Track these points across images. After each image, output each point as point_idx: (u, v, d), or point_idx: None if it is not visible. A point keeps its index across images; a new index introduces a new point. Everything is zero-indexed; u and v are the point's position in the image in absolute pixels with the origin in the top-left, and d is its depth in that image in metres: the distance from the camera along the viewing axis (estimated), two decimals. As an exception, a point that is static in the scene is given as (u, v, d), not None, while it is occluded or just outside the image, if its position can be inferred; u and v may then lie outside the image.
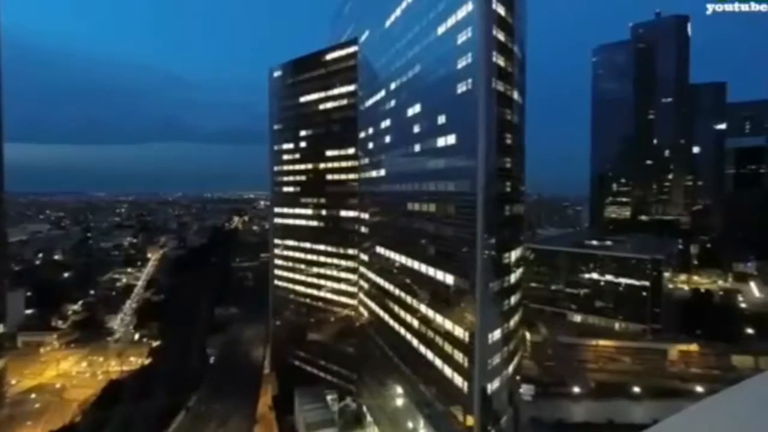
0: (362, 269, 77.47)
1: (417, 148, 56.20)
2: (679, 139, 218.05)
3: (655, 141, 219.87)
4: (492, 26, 42.76)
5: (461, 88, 44.86)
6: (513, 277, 47.92)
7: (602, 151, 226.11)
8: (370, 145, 73.79)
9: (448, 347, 47.82)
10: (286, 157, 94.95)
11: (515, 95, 47.27)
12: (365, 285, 76.42)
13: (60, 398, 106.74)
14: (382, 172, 68.78)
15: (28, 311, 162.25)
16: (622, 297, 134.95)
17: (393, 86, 63.13)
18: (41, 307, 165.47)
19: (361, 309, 78.37)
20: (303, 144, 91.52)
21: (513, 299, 48.56)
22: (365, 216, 76.23)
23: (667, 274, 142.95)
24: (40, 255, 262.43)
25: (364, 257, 76.59)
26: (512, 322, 48.61)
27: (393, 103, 63.66)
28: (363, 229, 77.14)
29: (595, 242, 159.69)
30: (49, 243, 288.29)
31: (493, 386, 44.74)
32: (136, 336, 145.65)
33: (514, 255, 48.22)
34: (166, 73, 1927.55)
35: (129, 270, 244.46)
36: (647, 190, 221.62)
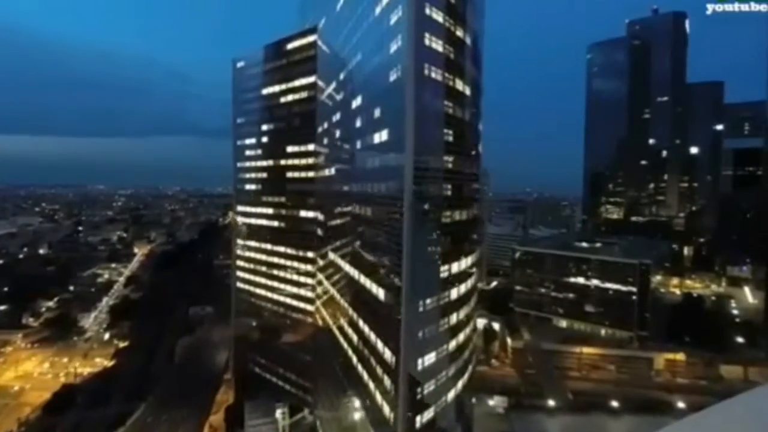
0: (319, 275, 72.48)
1: (359, 144, 50.82)
2: (674, 139, 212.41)
3: (650, 141, 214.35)
4: (424, 4, 37.23)
5: (393, 76, 39.48)
6: (458, 290, 42.61)
7: (596, 151, 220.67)
8: (325, 141, 68.55)
9: (379, 370, 42.73)
10: (248, 152, 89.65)
11: (460, 86, 41.85)
12: (321, 291, 71.46)
13: (15, 401, 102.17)
14: (333, 171, 63.56)
15: (1, 308, 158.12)
16: (609, 302, 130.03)
17: (342, 76, 57.68)
18: (15, 303, 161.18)
19: (317, 316, 73.41)
20: (265, 139, 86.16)
21: (458, 315, 43.29)
22: (321, 217, 71.20)
23: (658, 278, 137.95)
24: (25, 249, 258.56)
25: (321, 262, 71.58)
26: (456, 342, 43.35)
27: (342, 94, 58.23)
28: (319, 232, 72.07)
29: (584, 244, 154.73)
30: (37, 236, 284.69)
31: (425, 417, 39.63)
32: (107, 336, 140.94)
33: (461, 264, 42.93)
34: (168, 68, 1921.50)
35: (113, 265, 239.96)
36: (642, 190, 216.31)
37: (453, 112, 40.79)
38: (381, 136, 43.08)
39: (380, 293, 42.89)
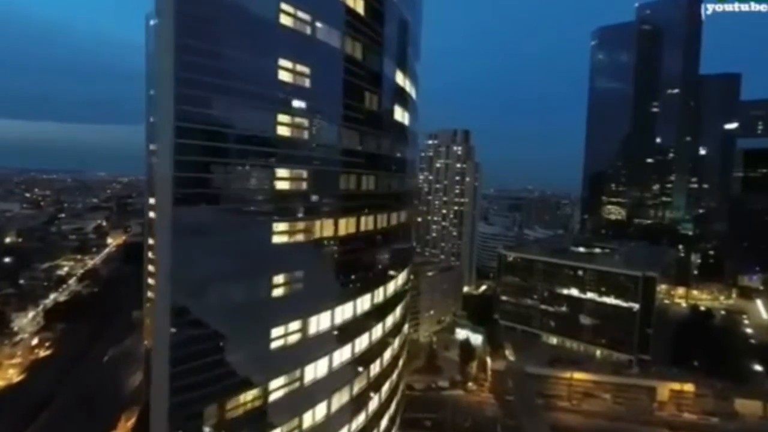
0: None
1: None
2: (684, 137, 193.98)
3: (657, 137, 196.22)
4: None
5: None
6: (331, 365, 25.13)
7: (599, 147, 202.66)
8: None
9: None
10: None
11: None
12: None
13: None
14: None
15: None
16: (606, 317, 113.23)
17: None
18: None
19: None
20: (176, 114, 69.04)
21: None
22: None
23: (663, 287, 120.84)
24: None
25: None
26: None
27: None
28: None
29: (581, 249, 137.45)
30: (10, 223, 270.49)
31: None
32: (35, 340, 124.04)
33: (337, 317, 25.31)
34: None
35: (78, 257, 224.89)
36: (646, 190, 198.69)
37: (326, 39, 22.79)
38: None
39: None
